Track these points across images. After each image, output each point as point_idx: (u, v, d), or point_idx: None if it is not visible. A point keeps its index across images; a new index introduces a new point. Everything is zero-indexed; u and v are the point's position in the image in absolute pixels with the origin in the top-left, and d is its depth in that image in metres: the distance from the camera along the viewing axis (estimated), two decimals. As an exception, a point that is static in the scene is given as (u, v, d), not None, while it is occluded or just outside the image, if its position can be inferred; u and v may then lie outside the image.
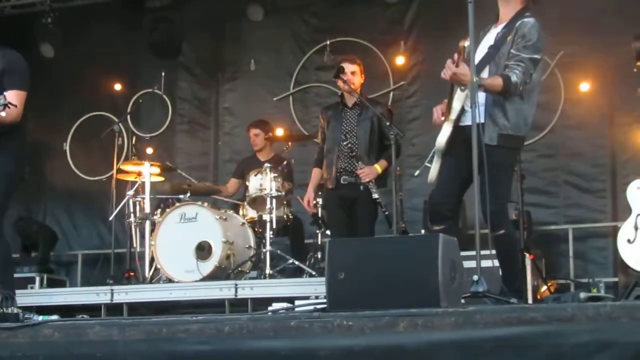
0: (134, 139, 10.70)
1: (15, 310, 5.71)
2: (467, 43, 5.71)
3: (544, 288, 8.55)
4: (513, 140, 6.00)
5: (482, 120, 5.77)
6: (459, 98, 6.01)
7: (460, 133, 5.99)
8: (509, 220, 6.27)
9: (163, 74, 11.50)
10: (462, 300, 4.99)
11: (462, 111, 6.03)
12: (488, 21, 6.28)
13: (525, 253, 7.87)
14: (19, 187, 6.85)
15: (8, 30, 6.94)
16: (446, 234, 4.83)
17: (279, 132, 9.97)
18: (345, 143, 8.30)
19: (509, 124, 5.91)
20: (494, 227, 5.90)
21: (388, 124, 8.03)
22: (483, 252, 5.45)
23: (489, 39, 6.10)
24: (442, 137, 6.09)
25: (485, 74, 5.95)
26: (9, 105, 6.25)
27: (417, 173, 6.50)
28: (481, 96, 5.84)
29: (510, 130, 5.93)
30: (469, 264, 5.27)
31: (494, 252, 5.96)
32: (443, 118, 6.11)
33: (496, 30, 6.11)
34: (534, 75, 5.97)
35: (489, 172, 5.50)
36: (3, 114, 6.28)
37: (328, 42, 11.03)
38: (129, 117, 11.17)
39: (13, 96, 6.41)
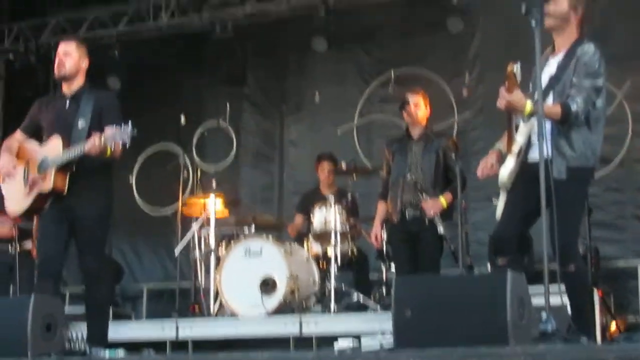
0: (199, 172, 10.73)
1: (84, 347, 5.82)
2: (515, 67, 5.62)
3: (613, 326, 8.39)
4: (582, 172, 5.86)
5: (549, 154, 5.67)
6: (523, 131, 5.90)
7: (527, 168, 5.89)
8: (579, 256, 6.15)
9: (228, 106, 11.55)
10: (531, 339, 4.90)
11: (528, 144, 5.93)
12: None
13: (593, 289, 7.73)
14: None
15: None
16: (510, 267, 4.77)
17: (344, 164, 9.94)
18: (410, 176, 8.25)
19: (576, 155, 5.78)
20: (564, 262, 5.78)
21: (453, 156, 7.97)
22: (551, 289, 5.34)
23: (550, 69, 6.00)
24: (505, 171, 5.97)
25: (548, 103, 5.86)
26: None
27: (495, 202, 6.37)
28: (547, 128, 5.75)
29: (578, 161, 5.80)
30: (536, 301, 5.18)
31: (562, 288, 5.85)
32: (488, 172, 6.05)
33: (556, 59, 5.99)
34: (598, 103, 5.83)
35: (559, 206, 5.38)
36: (127, 145, 6.50)
37: (392, 74, 11.00)
38: (194, 149, 11.24)
39: (115, 129, 6.56)
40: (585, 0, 5.99)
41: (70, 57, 6.89)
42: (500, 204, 6.05)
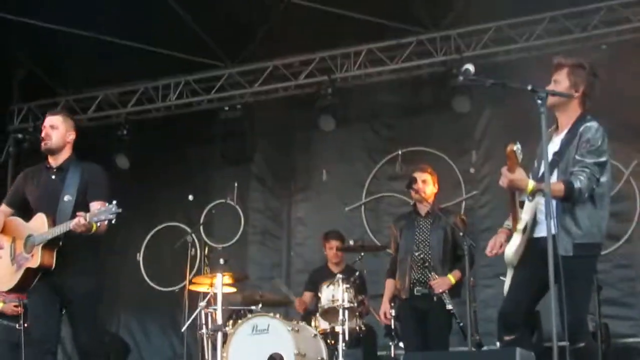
0: (206, 250, 10.73)
1: None
2: (516, 147, 5.63)
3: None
4: (589, 248, 5.85)
5: (555, 231, 5.67)
6: (528, 209, 5.91)
7: (533, 245, 5.88)
8: (588, 333, 6.11)
9: (236, 184, 11.60)
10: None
11: (534, 222, 5.93)
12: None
13: (603, 367, 7.67)
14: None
15: (84, 142, 7.06)
16: (517, 345, 4.72)
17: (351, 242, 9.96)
18: (417, 254, 8.25)
19: (582, 232, 5.77)
20: (573, 339, 5.75)
21: (462, 234, 7.98)
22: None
23: (553, 146, 6.02)
24: (511, 249, 5.96)
25: (552, 181, 5.87)
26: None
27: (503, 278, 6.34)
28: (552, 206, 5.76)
29: (585, 238, 5.79)
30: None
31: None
32: (497, 251, 6.06)
33: (559, 137, 6.02)
34: (602, 179, 5.84)
35: (567, 283, 5.36)
36: (113, 221, 6.42)
37: (400, 152, 11.06)
38: (201, 227, 11.26)
39: (100, 207, 6.53)
40: (586, 77, 6.02)
41: (56, 130, 6.85)
42: (507, 280, 6.03)
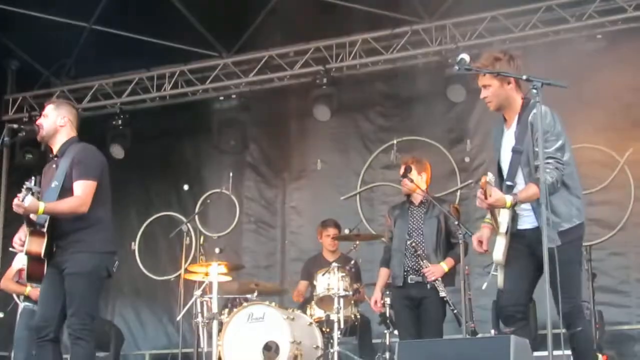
0: (201, 239, 10.75)
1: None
2: (488, 178, 5.62)
3: (618, 390, 8.34)
4: (574, 231, 5.86)
5: (536, 224, 5.70)
6: (505, 212, 5.90)
7: (520, 238, 5.90)
8: (584, 317, 6.12)
9: (231, 174, 11.62)
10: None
11: (513, 220, 5.92)
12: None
13: (597, 354, 7.68)
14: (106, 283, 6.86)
15: (79, 132, 7.04)
16: (518, 335, 4.74)
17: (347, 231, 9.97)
18: (410, 242, 8.27)
19: (562, 219, 5.79)
20: (570, 324, 5.77)
21: (456, 222, 8.00)
22: (556, 353, 5.31)
23: (508, 141, 6.01)
24: (499, 252, 5.93)
25: (519, 178, 5.86)
26: (33, 192, 6.31)
27: (484, 287, 6.38)
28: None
29: (567, 223, 5.81)
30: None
31: (567, 352, 5.82)
32: (485, 248, 6.07)
33: (511, 130, 6.01)
34: (565, 158, 5.83)
35: (560, 271, 5.39)
36: (29, 198, 6.30)
37: (395, 142, 11.07)
38: (197, 217, 11.28)
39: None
40: (507, 64, 5.93)
41: (46, 119, 6.82)
42: (500, 276, 6.02)
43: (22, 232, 6.69)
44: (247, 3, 11.24)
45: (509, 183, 5.79)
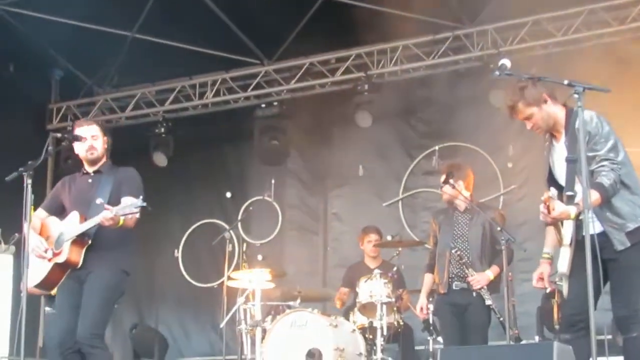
0: (244, 246, 10.80)
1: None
2: (550, 193, 5.58)
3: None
4: (638, 231, 5.78)
5: (601, 229, 5.64)
6: (567, 224, 5.84)
7: (583, 246, 5.83)
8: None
9: (273, 181, 11.64)
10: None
11: (578, 228, 5.85)
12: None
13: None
14: (130, 294, 6.95)
15: (122, 140, 7.15)
16: (576, 343, 4.69)
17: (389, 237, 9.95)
18: (455, 250, 8.23)
19: (626, 220, 5.72)
20: (627, 329, 5.69)
21: (499, 229, 7.96)
22: (599, 360, 5.25)
23: (561, 153, 5.93)
24: (563, 263, 5.86)
25: (578, 186, 5.81)
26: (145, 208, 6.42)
27: (548, 290, 6.29)
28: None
29: (633, 223, 5.73)
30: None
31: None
32: (547, 286, 6.03)
33: (561, 143, 5.94)
34: (619, 158, 5.76)
35: (626, 274, 5.35)
36: (137, 215, 6.47)
37: (437, 148, 11.05)
38: (239, 224, 11.31)
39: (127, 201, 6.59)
40: (534, 88, 5.86)
41: (98, 140, 6.98)
42: (564, 285, 5.95)
43: (37, 238, 6.78)
44: (288, 10, 11.24)
45: (569, 193, 5.70)
